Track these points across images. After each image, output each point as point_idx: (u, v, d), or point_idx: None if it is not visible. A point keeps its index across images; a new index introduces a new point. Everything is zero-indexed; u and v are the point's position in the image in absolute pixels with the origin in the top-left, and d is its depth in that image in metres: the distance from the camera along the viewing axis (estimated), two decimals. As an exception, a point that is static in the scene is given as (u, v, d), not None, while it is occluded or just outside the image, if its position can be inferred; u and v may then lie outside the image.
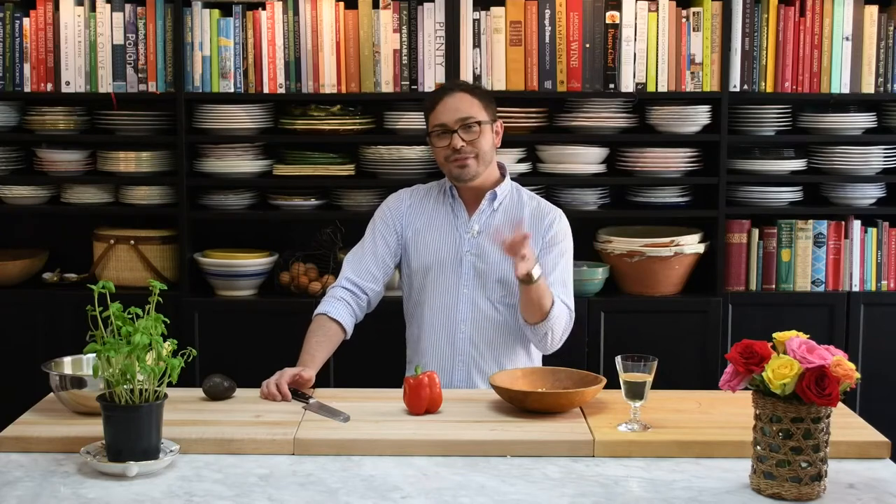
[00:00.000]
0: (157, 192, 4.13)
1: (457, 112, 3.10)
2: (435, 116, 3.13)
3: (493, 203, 3.18)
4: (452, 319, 3.15)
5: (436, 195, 3.25)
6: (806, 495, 2.12)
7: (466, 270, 3.15)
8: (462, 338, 3.14)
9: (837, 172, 4.13)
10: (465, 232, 3.17)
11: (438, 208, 3.22)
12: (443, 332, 3.16)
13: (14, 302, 4.12)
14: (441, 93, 3.18)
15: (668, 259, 4.02)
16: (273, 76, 4.04)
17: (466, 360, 3.14)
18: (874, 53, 4.06)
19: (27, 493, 2.17)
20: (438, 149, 3.13)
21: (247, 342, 4.01)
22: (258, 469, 2.31)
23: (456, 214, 3.20)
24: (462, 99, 3.13)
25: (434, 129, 3.13)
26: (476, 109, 3.12)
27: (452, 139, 3.09)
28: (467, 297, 3.15)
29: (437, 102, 3.14)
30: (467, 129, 3.10)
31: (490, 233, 3.15)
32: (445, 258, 3.16)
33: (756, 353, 2.14)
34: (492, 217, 3.18)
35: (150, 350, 2.28)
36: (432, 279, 3.16)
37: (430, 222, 3.20)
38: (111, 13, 4.04)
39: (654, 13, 4.03)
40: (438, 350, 3.16)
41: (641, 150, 4.10)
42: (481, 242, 3.16)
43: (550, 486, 2.22)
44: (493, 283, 3.14)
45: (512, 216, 3.18)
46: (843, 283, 4.14)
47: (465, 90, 3.16)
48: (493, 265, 3.14)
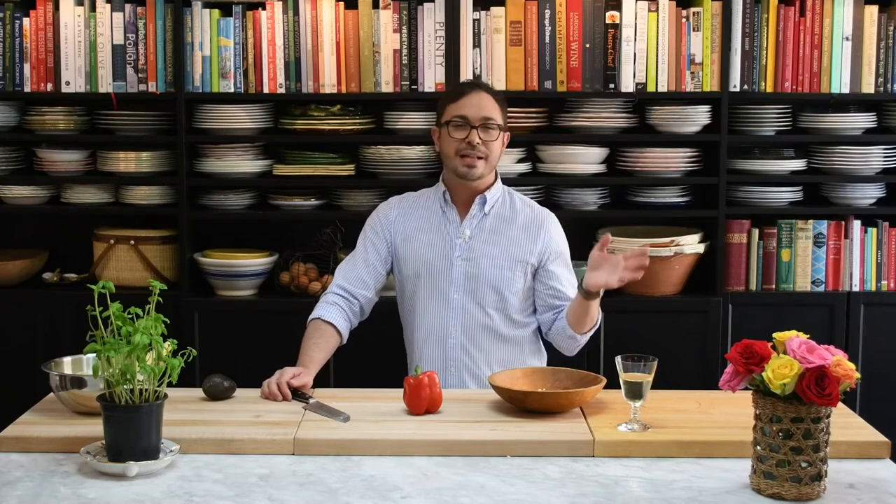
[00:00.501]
0: (157, 192, 4.13)
1: (481, 110, 3.11)
2: (457, 107, 3.13)
3: (483, 207, 3.18)
4: (444, 325, 3.15)
5: (426, 201, 3.24)
6: (806, 495, 2.12)
7: (457, 275, 3.15)
8: (454, 343, 3.15)
9: (837, 172, 4.13)
10: (457, 237, 3.17)
11: (430, 214, 3.22)
12: (435, 337, 3.16)
13: (14, 302, 4.12)
14: (468, 87, 3.19)
15: (668, 259, 4.02)
16: (273, 76, 4.04)
17: (458, 366, 3.14)
18: (874, 53, 4.06)
19: (27, 493, 2.17)
20: (453, 139, 3.12)
21: (247, 342, 4.01)
22: (258, 469, 2.31)
23: (448, 219, 3.20)
24: (487, 99, 3.14)
25: (453, 120, 3.12)
26: (497, 114, 3.14)
27: (471, 134, 3.09)
28: (458, 303, 3.15)
29: (463, 95, 3.14)
30: (486, 129, 3.11)
31: (483, 236, 3.16)
32: (436, 263, 3.16)
33: (756, 353, 2.14)
34: (483, 221, 3.18)
35: (150, 350, 2.28)
36: (423, 285, 3.16)
37: (421, 228, 3.20)
38: (111, 13, 4.04)
39: (654, 13, 4.03)
40: (431, 355, 3.16)
41: (641, 150, 4.10)
42: (473, 247, 3.16)
43: (550, 486, 2.22)
44: (485, 289, 3.14)
45: (503, 221, 3.18)
46: (843, 283, 4.14)
47: (489, 93, 3.17)
48: (484, 270, 3.14)
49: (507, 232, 3.17)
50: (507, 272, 3.14)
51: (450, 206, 3.20)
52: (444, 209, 3.20)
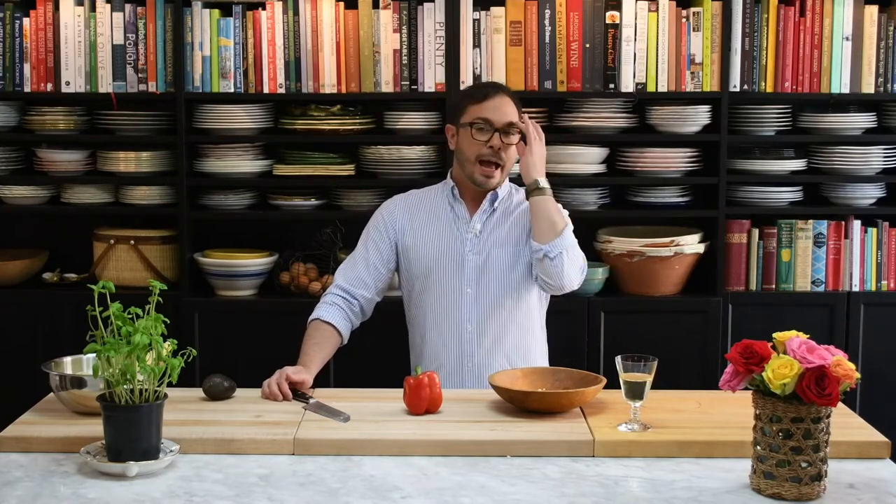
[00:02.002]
0: (157, 192, 4.13)
1: (505, 115, 3.10)
2: (481, 109, 3.10)
3: (493, 203, 3.18)
4: (457, 320, 3.14)
5: (433, 197, 3.24)
6: (806, 495, 2.12)
7: (469, 270, 3.15)
8: (468, 339, 3.14)
9: (837, 172, 4.13)
10: (467, 232, 3.17)
11: (437, 210, 3.21)
12: (448, 334, 3.15)
13: (14, 302, 4.12)
14: (492, 90, 3.16)
15: (668, 259, 4.02)
16: (273, 76, 4.04)
17: (475, 361, 3.13)
18: (874, 53, 4.06)
19: (27, 493, 2.17)
20: (475, 142, 3.09)
21: (247, 342, 4.01)
22: (258, 469, 2.31)
23: (457, 215, 3.19)
24: (510, 104, 3.12)
25: (476, 122, 3.10)
26: (517, 119, 3.13)
27: (493, 138, 3.08)
28: (471, 297, 3.14)
29: (488, 97, 3.11)
30: (508, 134, 3.10)
31: (492, 228, 3.15)
32: (447, 259, 3.16)
33: (756, 353, 2.14)
34: (492, 215, 3.18)
35: (150, 350, 2.28)
36: (434, 281, 3.16)
37: (429, 225, 3.19)
38: (111, 13, 4.04)
39: (654, 13, 4.03)
40: (445, 353, 3.15)
41: (641, 150, 4.10)
42: (483, 240, 3.16)
43: (550, 486, 2.22)
44: (498, 282, 3.14)
45: (510, 215, 3.19)
46: (843, 283, 4.14)
47: (511, 97, 3.16)
48: (495, 261, 3.14)
49: (513, 224, 3.17)
50: (515, 258, 3.14)
51: (458, 201, 3.20)
52: (453, 205, 3.20)
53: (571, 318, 3.99)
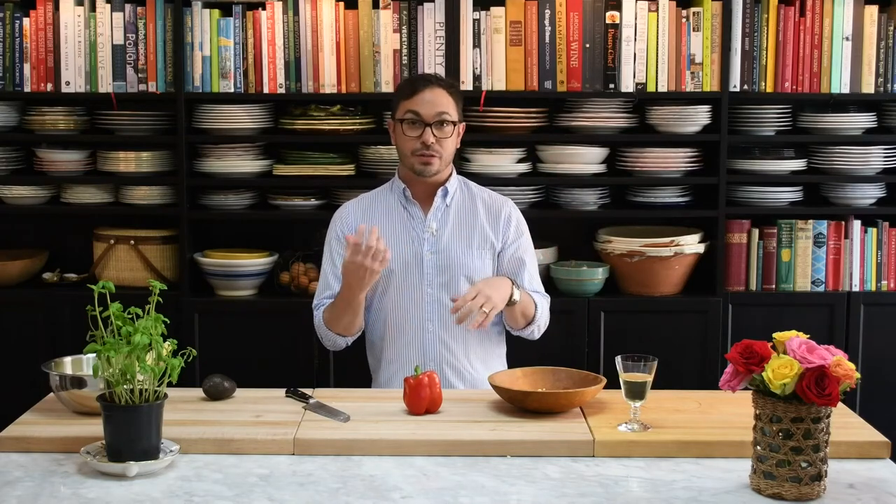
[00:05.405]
0: (157, 192, 4.13)
1: (434, 107, 3.11)
2: (411, 103, 3.13)
3: (445, 199, 3.20)
4: (419, 320, 3.15)
5: (385, 199, 3.25)
6: (806, 495, 2.12)
7: (429, 269, 3.15)
8: (431, 338, 3.15)
9: (837, 172, 4.13)
10: (423, 231, 3.18)
11: (391, 212, 3.22)
12: (410, 334, 3.16)
13: (14, 302, 4.12)
14: (422, 83, 3.17)
15: (668, 259, 4.02)
16: (273, 76, 4.04)
17: (438, 360, 3.14)
18: (874, 53, 4.06)
19: (27, 493, 2.17)
20: (407, 138, 3.13)
21: (247, 342, 4.01)
22: (258, 469, 2.31)
23: (411, 215, 3.20)
24: (441, 95, 3.14)
25: (407, 116, 3.13)
26: (451, 109, 3.14)
27: (425, 133, 3.10)
28: (432, 297, 3.15)
29: (417, 92, 3.13)
30: (440, 126, 3.12)
31: (449, 227, 3.18)
32: (406, 260, 3.16)
33: (756, 353, 2.14)
34: (447, 213, 3.19)
35: (150, 350, 2.28)
36: (395, 283, 3.16)
37: (385, 227, 3.18)
38: (111, 13, 4.04)
39: (654, 13, 4.03)
40: (407, 354, 3.16)
41: (641, 150, 4.10)
42: (440, 239, 3.17)
43: (550, 486, 2.22)
44: (458, 279, 3.15)
45: (465, 210, 3.20)
46: (843, 283, 4.14)
47: (444, 87, 3.17)
48: (454, 260, 3.16)
49: (469, 219, 3.20)
50: (477, 259, 3.17)
51: (411, 202, 3.21)
52: (406, 206, 3.21)
53: (571, 318, 3.99)
